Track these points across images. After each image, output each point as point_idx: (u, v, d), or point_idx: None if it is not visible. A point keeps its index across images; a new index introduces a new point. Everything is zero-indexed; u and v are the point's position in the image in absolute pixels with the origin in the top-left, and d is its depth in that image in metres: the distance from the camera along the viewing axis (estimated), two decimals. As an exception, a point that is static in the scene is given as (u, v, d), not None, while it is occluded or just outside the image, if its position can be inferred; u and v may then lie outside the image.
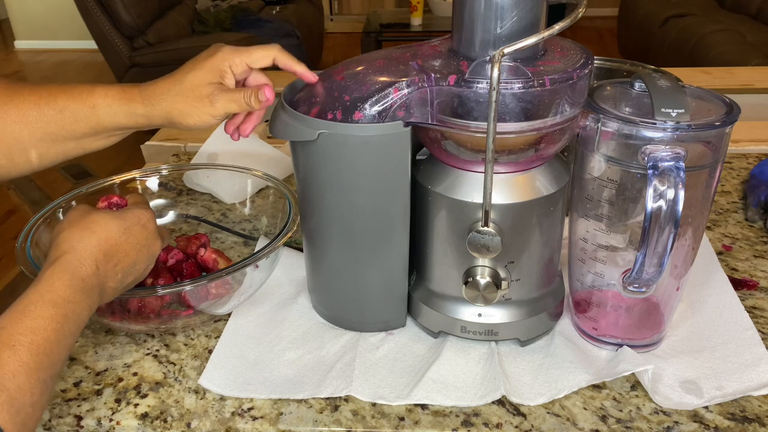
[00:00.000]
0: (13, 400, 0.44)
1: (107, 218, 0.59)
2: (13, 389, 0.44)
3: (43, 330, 0.48)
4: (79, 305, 0.52)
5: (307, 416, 0.60)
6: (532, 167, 0.61)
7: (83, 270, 0.54)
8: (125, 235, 0.59)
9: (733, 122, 0.55)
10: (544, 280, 0.66)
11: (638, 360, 0.62)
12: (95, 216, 0.59)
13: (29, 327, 0.48)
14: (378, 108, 0.58)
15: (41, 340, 0.48)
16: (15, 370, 0.45)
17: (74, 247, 0.55)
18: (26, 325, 0.48)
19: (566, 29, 0.51)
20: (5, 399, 0.44)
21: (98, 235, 0.57)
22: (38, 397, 0.46)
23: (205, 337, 0.70)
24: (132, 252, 0.59)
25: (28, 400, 0.45)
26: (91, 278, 0.55)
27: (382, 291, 0.68)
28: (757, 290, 0.75)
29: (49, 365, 0.48)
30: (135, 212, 0.61)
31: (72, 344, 0.52)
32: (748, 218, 0.89)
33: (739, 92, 1.48)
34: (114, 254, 0.58)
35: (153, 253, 0.62)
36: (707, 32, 3.04)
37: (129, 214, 0.61)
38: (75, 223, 0.58)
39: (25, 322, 0.48)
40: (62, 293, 0.51)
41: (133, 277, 0.61)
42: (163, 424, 0.60)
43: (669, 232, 0.54)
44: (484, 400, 0.60)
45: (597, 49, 4.31)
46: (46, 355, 0.48)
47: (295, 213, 0.75)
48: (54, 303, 0.50)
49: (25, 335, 0.47)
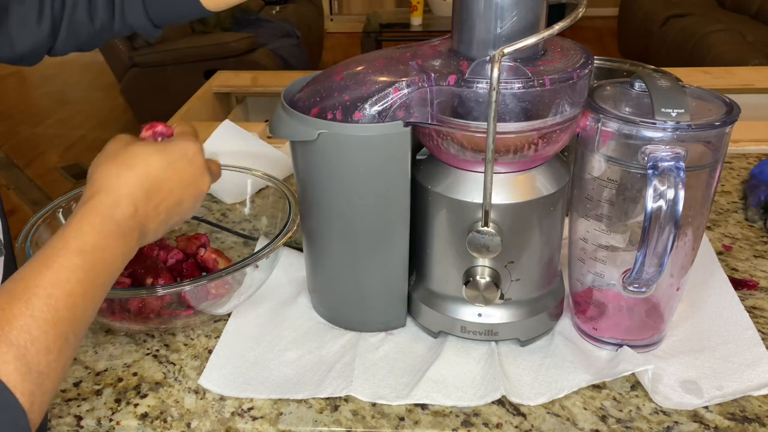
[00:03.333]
0: (24, 357, 0.40)
1: (149, 151, 0.52)
2: (23, 345, 0.40)
3: (65, 282, 0.43)
4: (110, 252, 0.47)
5: (307, 416, 0.60)
6: (532, 167, 0.61)
7: (118, 212, 0.48)
8: (169, 170, 0.52)
9: (733, 122, 0.55)
10: (544, 280, 0.66)
11: (638, 360, 0.62)
12: (135, 149, 0.52)
13: (50, 279, 0.42)
14: (378, 108, 0.58)
15: (62, 293, 0.42)
16: (27, 325, 0.40)
17: (109, 185, 0.49)
18: (46, 278, 0.42)
19: (566, 29, 0.51)
20: (14, 355, 0.39)
21: (138, 171, 0.50)
22: (56, 356, 0.41)
23: (205, 337, 0.70)
24: (177, 190, 0.53)
25: (44, 359, 0.40)
26: (128, 221, 0.48)
27: (382, 291, 0.68)
28: (757, 290, 0.75)
29: (71, 320, 0.43)
30: (181, 144, 0.54)
31: (102, 296, 0.46)
32: (748, 218, 0.89)
33: (739, 92, 1.48)
34: (156, 193, 0.51)
35: (201, 190, 0.56)
36: (707, 32, 3.04)
37: (174, 147, 0.54)
38: (112, 157, 0.51)
39: (45, 273, 0.43)
40: (91, 239, 0.45)
41: (179, 218, 0.55)
42: (163, 424, 0.60)
43: (669, 232, 0.54)
44: (484, 400, 0.60)
45: (597, 49, 4.31)
46: (68, 309, 0.42)
47: (295, 213, 0.75)
48: (80, 251, 0.44)
49: (44, 288, 0.42)
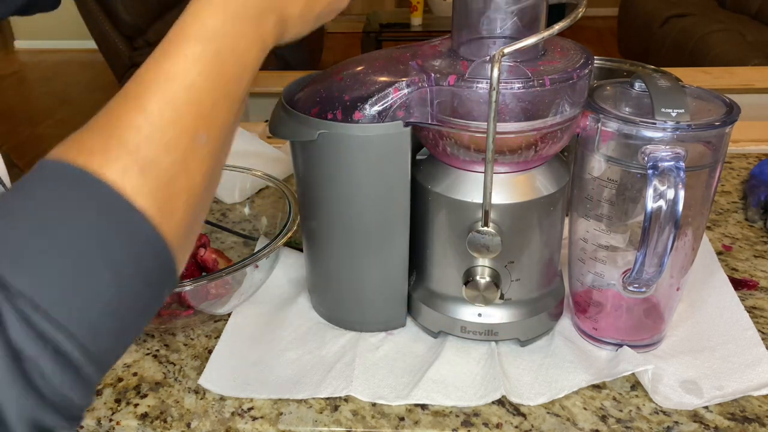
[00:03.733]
0: (136, 154, 0.33)
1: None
2: (135, 144, 0.33)
3: (183, 73, 0.36)
4: (239, 39, 0.38)
5: (307, 416, 0.60)
6: (532, 167, 0.61)
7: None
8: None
9: (733, 122, 0.55)
10: (544, 280, 0.66)
11: (638, 360, 0.62)
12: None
13: (164, 73, 0.36)
14: (378, 108, 0.58)
15: (179, 86, 0.36)
16: (138, 124, 0.34)
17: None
18: (161, 72, 0.36)
19: (566, 29, 0.51)
20: (125, 154, 0.33)
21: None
22: (181, 155, 0.35)
23: (205, 337, 0.70)
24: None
25: (164, 158, 0.34)
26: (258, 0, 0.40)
27: (382, 291, 0.68)
28: (757, 290, 0.75)
29: (196, 117, 0.36)
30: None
31: (237, 95, 0.39)
32: (748, 218, 0.89)
33: (739, 92, 1.48)
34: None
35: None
36: (707, 32, 3.04)
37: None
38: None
39: (159, 68, 0.36)
40: (212, 25, 0.37)
41: (321, 8, 0.45)
42: (162, 424, 0.60)
43: (669, 232, 0.54)
44: (484, 400, 0.60)
45: (597, 49, 4.31)
46: (190, 104, 0.36)
47: (295, 213, 0.75)
48: (200, 38, 0.37)
49: (158, 83, 0.35)
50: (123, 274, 0.32)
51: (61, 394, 0.30)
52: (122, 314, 0.33)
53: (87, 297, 0.31)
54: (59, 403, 0.30)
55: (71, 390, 0.31)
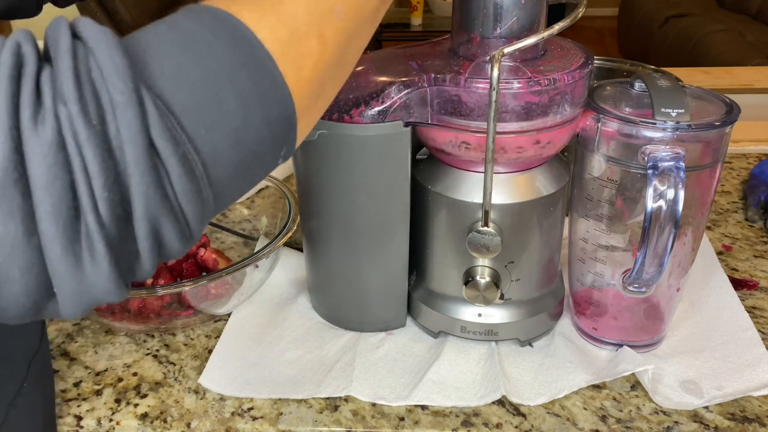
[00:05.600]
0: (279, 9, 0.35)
1: None
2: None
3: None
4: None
5: (307, 416, 0.60)
6: (532, 167, 0.61)
7: None
8: None
9: (733, 122, 0.55)
10: (544, 280, 0.66)
11: (638, 360, 0.62)
12: None
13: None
14: (378, 108, 0.58)
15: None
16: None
17: None
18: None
19: (566, 29, 0.51)
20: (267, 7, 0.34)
21: None
22: (318, 17, 0.36)
23: (205, 337, 0.70)
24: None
25: (302, 15, 0.35)
26: None
27: (382, 291, 0.68)
28: (757, 290, 0.75)
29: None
30: None
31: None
32: (748, 218, 0.89)
33: (739, 92, 1.48)
34: None
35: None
36: (707, 32, 3.04)
37: None
38: None
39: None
40: None
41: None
42: (163, 424, 0.60)
43: (669, 232, 0.54)
44: (484, 400, 0.60)
45: (597, 49, 4.31)
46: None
47: (295, 213, 0.75)
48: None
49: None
50: (248, 106, 0.32)
51: (182, 202, 0.30)
52: (242, 150, 0.33)
53: (213, 117, 0.31)
54: (178, 213, 0.30)
55: (190, 203, 0.31)
